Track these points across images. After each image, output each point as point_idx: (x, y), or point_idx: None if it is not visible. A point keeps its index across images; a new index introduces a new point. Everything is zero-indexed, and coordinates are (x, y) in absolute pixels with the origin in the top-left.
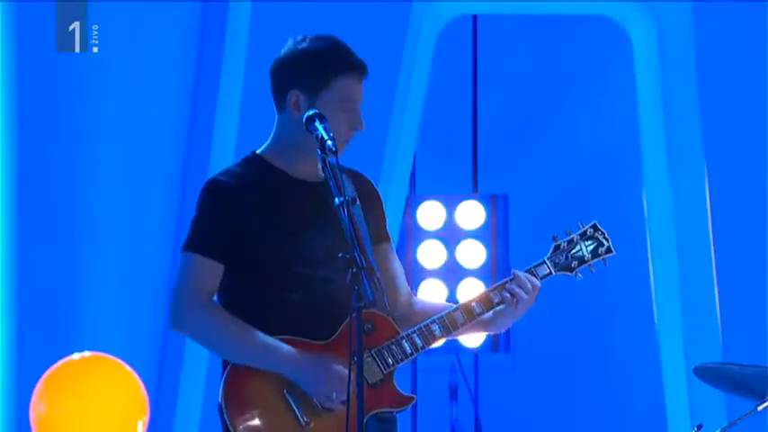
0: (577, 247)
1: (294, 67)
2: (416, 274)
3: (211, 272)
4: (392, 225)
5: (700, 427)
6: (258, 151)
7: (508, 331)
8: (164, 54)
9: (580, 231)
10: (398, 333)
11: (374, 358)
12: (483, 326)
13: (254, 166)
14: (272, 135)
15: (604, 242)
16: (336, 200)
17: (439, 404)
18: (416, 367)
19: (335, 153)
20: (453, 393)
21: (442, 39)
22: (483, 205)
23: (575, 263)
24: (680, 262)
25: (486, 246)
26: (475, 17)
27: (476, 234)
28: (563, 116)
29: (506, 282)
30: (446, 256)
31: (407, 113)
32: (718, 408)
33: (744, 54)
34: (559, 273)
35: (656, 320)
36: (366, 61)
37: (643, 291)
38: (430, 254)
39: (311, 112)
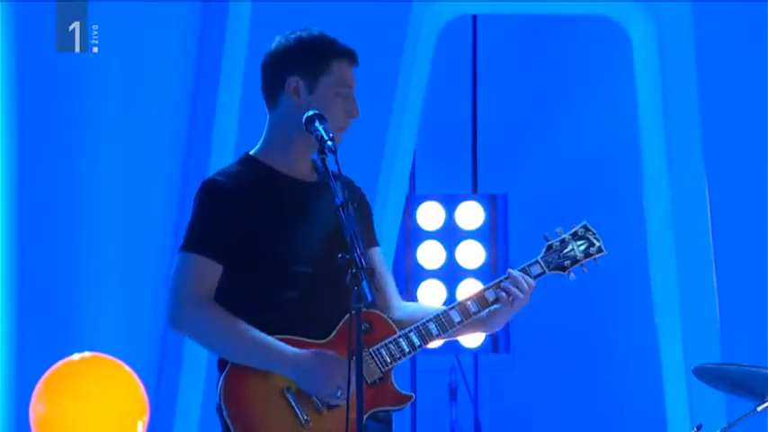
0: (569, 247)
1: (292, 55)
2: (416, 275)
3: (210, 272)
4: (392, 226)
5: (699, 427)
6: (252, 152)
7: (508, 332)
8: (164, 54)
9: (571, 231)
10: (395, 332)
11: (372, 357)
12: (478, 325)
13: (249, 167)
14: (264, 136)
15: (595, 242)
16: (337, 200)
17: (438, 405)
18: (416, 368)
19: (335, 152)
20: (453, 394)
21: (442, 39)
22: (483, 206)
23: (567, 262)
24: (679, 262)
25: (486, 246)
26: (475, 17)
27: (475, 234)
28: (563, 116)
29: (501, 280)
30: (446, 256)
31: (407, 113)
32: (717, 408)
33: (744, 54)
34: (552, 272)
35: (656, 321)
36: (366, 61)
37: (643, 291)
38: (429, 254)
39: (311, 113)
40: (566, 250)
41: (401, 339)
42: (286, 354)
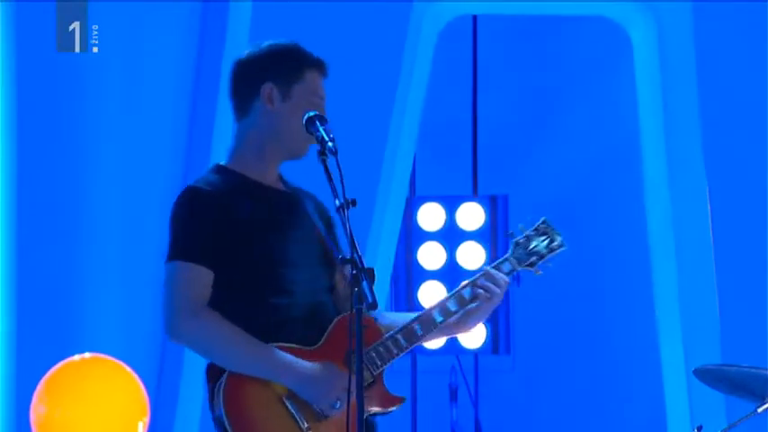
0: (533, 243)
1: (267, 61)
2: (416, 276)
3: (203, 279)
4: (392, 227)
5: (700, 428)
6: (223, 163)
7: (508, 333)
8: (164, 54)
9: (533, 228)
10: (382, 334)
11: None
12: (458, 324)
13: (225, 176)
14: (234, 145)
15: (556, 237)
16: (337, 202)
17: (439, 406)
18: (416, 369)
19: (336, 153)
20: (453, 395)
21: (442, 39)
22: (483, 207)
23: (534, 258)
24: (679, 262)
25: (487, 247)
26: (475, 17)
27: (476, 236)
28: (563, 116)
29: (476, 279)
30: (446, 257)
31: (407, 114)
32: (717, 409)
33: (744, 54)
34: (522, 269)
35: (656, 322)
36: (366, 61)
37: (643, 292)
38: (430, 255)
39: (311, 114)
40: (531, 246)
41: (389, 342)
42: (286, 364)
